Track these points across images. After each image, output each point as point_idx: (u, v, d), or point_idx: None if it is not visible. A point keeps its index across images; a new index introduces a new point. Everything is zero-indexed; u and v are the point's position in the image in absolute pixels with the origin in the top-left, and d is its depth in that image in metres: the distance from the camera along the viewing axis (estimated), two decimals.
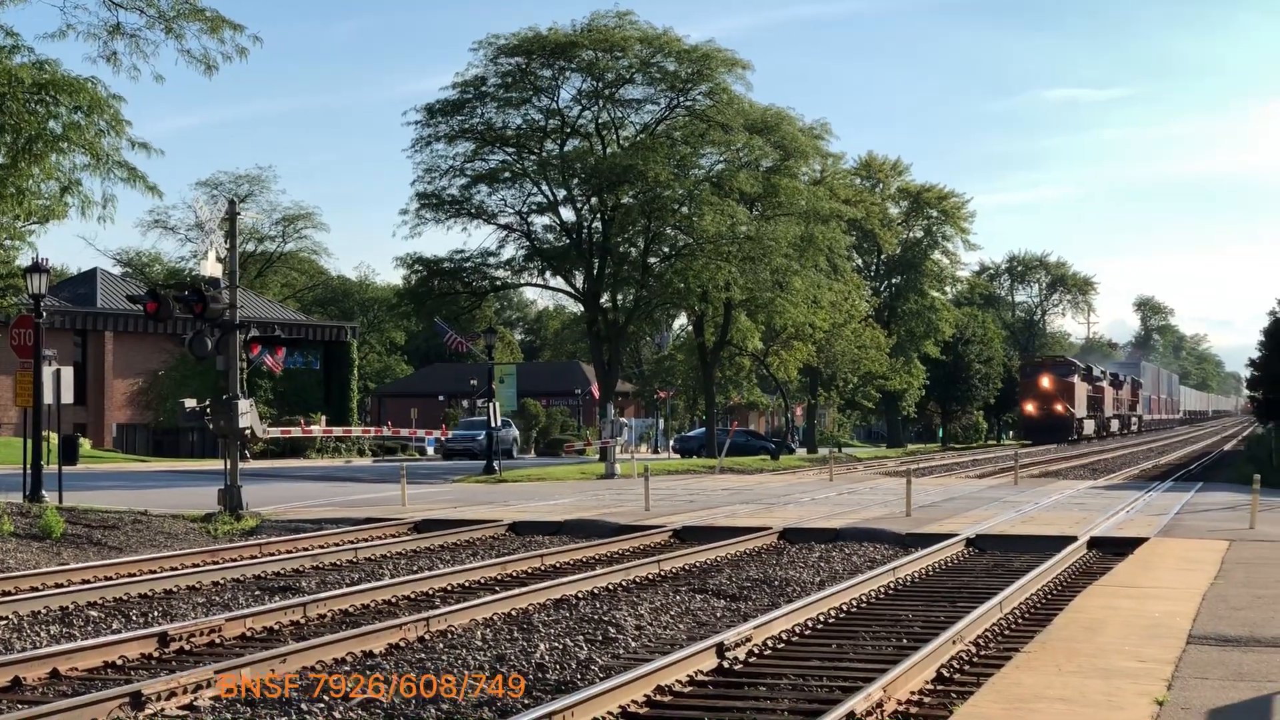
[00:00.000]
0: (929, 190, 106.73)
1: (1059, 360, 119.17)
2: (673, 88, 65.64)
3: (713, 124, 64.67)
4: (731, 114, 65.02)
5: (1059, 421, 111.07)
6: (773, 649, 14.52)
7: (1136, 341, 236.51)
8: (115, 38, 33.61)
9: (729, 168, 66.33)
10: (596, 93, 65.23)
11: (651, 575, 20.71)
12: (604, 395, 64.04)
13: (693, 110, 65.95)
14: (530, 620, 16.13)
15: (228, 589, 19.03)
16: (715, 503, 33.85)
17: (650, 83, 65.69)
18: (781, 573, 21.01)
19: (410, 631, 15.00)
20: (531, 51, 63.77)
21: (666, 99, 66.28)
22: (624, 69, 64.73)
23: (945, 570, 22.00)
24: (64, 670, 13.00)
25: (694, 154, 65.80)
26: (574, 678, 12.88)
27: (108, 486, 40.88)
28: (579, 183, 64.40)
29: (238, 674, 12.51)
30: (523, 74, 64.31)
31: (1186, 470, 58.31)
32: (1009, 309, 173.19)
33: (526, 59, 63.99)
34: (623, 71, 64.81)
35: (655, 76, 65.20)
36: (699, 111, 65.61)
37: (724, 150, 66.66)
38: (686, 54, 64.48)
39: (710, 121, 64.72)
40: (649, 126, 66.55)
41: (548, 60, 63.95)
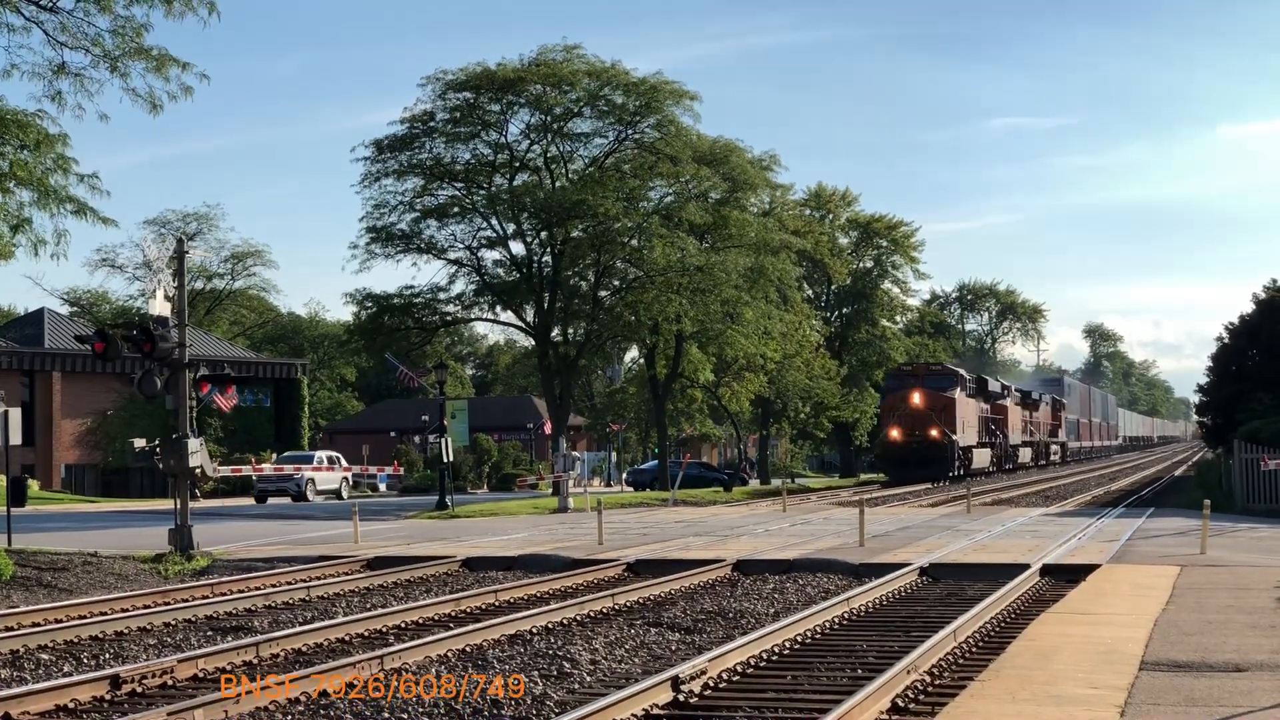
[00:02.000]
0: (878, 220, 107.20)
1: (936, 368, 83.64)
2: (621, 120, 65.77)
3: (661, 156, 64.82)
4: (680, 146, 65.19)
5: (931, 451, 77.12)
6: (728, 681, 14.51)
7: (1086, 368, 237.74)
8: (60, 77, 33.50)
9: (678, 200, 66.47)
10: (545, 127, 65.32)
11: (606, 609, 20.67)
12: (556, 429, 63.97)
13: (641, 143, 66.09)
14: (485, 656, 16.07)
15: (179, 630, 18.90)
16: (669, 535, 33.85)
17: (599, 116, 65.81)
18: (736, 604, 21.01)
19: (365, 670, 14.92)
20: (480, 87, 63.82)
21: (615, 132, 66.43)
22: (572, 103, 64.84)
23: (899, 600, 22.05)
24: (15, 714, 12.88)
25: (643, 186, 65.92)
26: (529, 713, 12.84)
27: (57, 528, 40.55)
28: (528, 217, 64.41)
29: (190, 715, 12.43)
30: (471, 109, 64.35)
31: (1138, 496, 58.64)
32: (960, 337, 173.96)
33: (475, 94, 64.04)
34: (571, 105, 64.91)
35: (603, 110, 65.33)
36: (647, 144, 65.75)
37: (673, 182, 66.81)
38: (634, 86, 64.64)
39: (659, 154, 64.88)
40: (598, 160, 66.66)
41: (496, 95, 64.00)
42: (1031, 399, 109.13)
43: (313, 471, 67.76)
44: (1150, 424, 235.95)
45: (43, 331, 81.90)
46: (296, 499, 64.51)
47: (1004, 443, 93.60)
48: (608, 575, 25.81)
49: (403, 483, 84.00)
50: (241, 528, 40.79)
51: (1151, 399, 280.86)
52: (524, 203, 63.87)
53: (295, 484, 65.95)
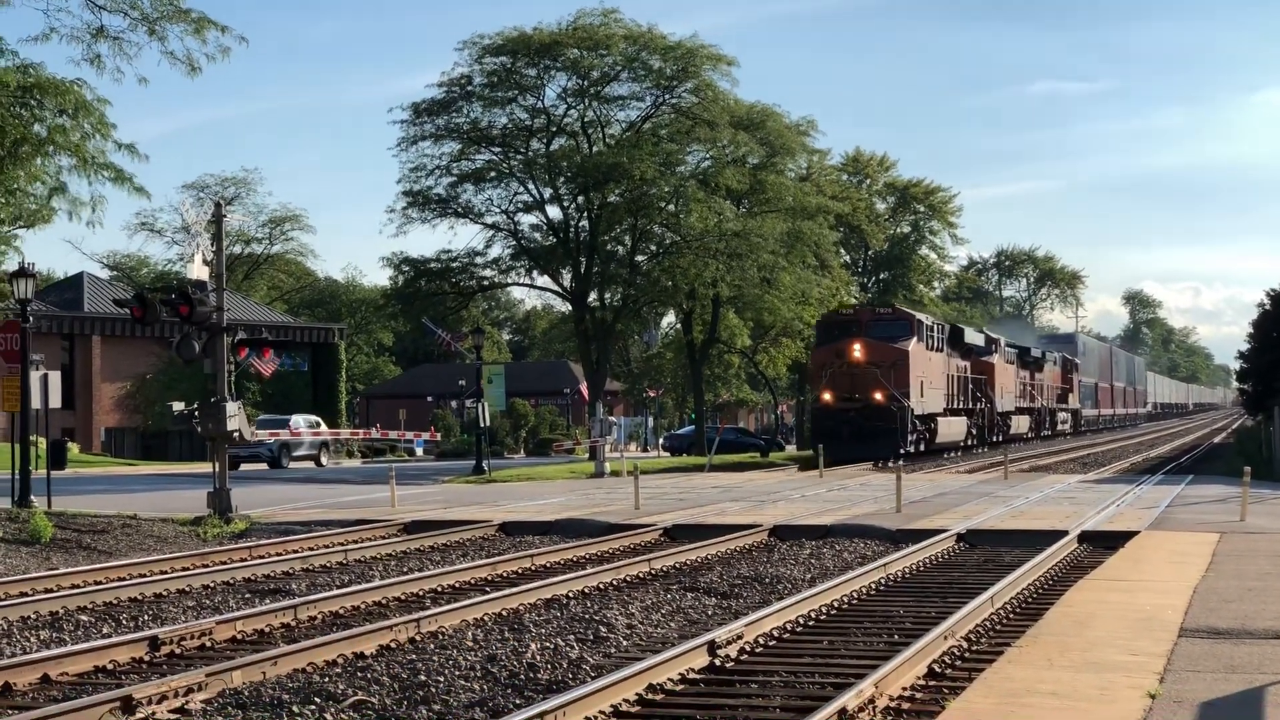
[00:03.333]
0: (916, 185, 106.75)
1: (884, 313, 62.14)
2: (658, 85, 65.60)
3: (699, 121, 64.63)
4: (717, 111, 64.98)
5: (874, 421, 56.12)
6: (764, 646, 14.50)
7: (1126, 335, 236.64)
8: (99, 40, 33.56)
9: (715, 164, 66.29)
10: (582, 91, 65.17)
11: (642, 574, 20.69)
12: (593, 394, 64.01)
13: (678, 107, 65.90)
14: (521, 620, 16.10)
15: (218, 592, 18.99)
16: (705, 500, 33.84)
17: (635, 80, 65.66)
18: (772, 570, 20.99)
19: (401, 633, 14.96)
20: (517, 51, 63.71)
21: (652, 96, 66.26)
22: (609, 67, 64.69)
23: (936, 566, 22.00)
24: (54, 675, 12.96)
25: (680, 151, 65.73)
26: (565, 677, 12.86)
27: (96, 490, 40.80)
28: (565, 181, 64.37)
29: (229, 676, 12.48)
30: (508, 73, 64.24)
31: (1177, 463, 58.38)
32: (997, 304, 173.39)
33: (512, 58, 63.93)
34: (608, 69, 64.76)
35: (640, 74, 65.16)
36: (685, 108, 65.56)
37: (710, 147, 66.63)
38: (671, 50, 64.46)
39: (696, 118, 64.69)
40: (635, 124, 66.50)
41: (533, 59, 63.88)
42: (1031, 357, 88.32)
43: (290, 436, 64.95)
44: (1185, 390, 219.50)
45: (82, 295, 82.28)
46: (272, 465, 61.69)
47: (988, 409, 72.18)
48: (644, 540, 25.83)
49: (439, 447, 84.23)
50: (279, 491, 40.96)
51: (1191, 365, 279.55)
52: (561, 167, 63.84)
53: (269, 449, 62.29)
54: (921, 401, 58.37)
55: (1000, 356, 75.42)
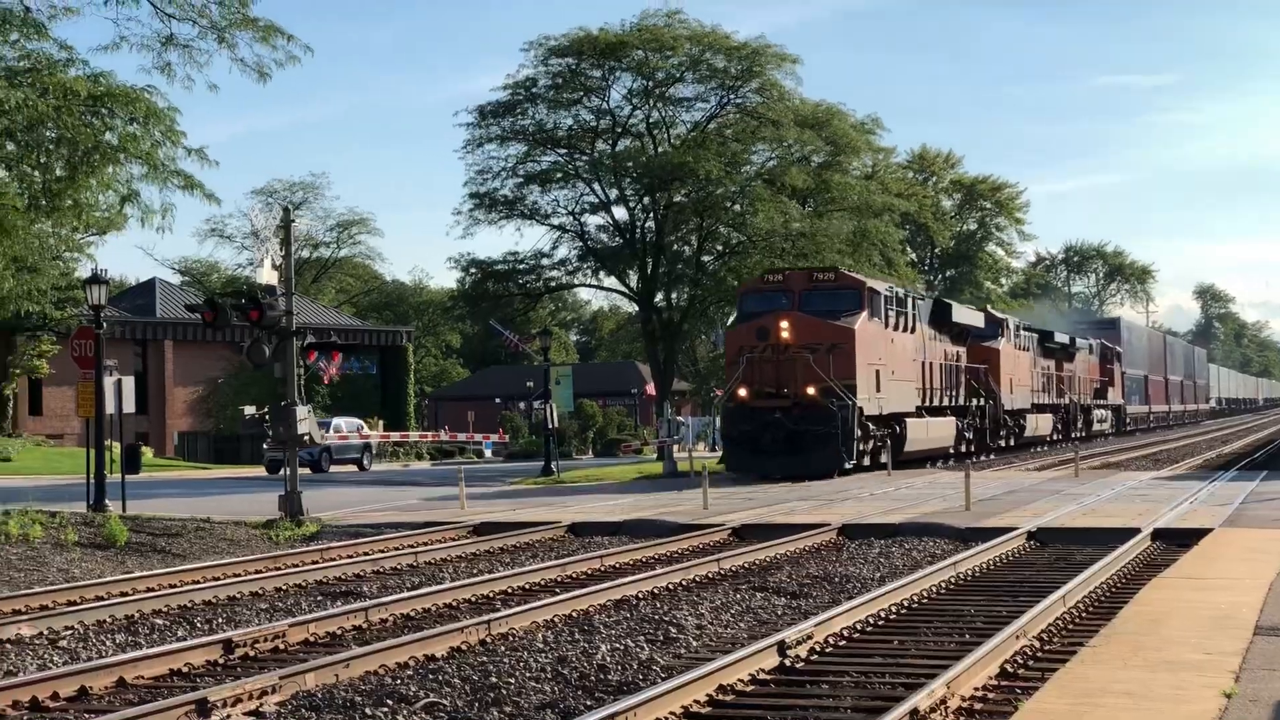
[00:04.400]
0: (982, 182, 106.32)
1: (824, 280, 46.02)
2: (723, 85, 65.55)
3: (763, 120, 64.52)
4: (782, 110, 64.85)
5: (806, 424, 42.54)
6: (834, 646, 14.48)
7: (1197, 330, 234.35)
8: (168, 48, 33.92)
9: (780, 164, 66.13)
10: (647, 92, 65.20)
11: (711, 574, 20.69)
12: (660, 394, 64.02)
13: (743, 107, 65.82)
14: (591, 621, 16.13)
15: (290, 594, 19.14)
16: (773, 500, 33.80)
17: (700, 80, 65.61)
18: (841, 569, 20.96)
19: (472, 634, 15.03)
20: (582, 52, 63.81)
21: (717, 96, 66.18)
22: (674, 67, 64.69)
23: (1006, 564, 21.89)
24: (130, 679, 13.10)
25: (745, 151, 65.63)
26: (636, 678, 12.88)
27: (170, 494, 41.18)
28: (631, 182, 64.42)
29: (302, 679, 12.58)
30: (573, 74, 64.35)
31: (1250, 460, 57.82)
32: (1065, 300, 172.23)
33: (577, 59, 64.04)
34: (673, 70, 64.77)
35: (705, 74, 65.13)
36: (749, 108, 65.48)
37: (775, 146, 66.48)
38: (735, 51, 64.40)
39: (761, 118, 64.58)
40: (700, 124, 66.46)
41: (598, 60, 63.96)
42: (1056, 343, 72.63)
43: (334, 440, 62.29)
44: (1255, 384, 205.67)
45: (154, 301, 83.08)
46: (313, 469, 58.06)
47: (990, 407, 58.27)
48: (713, 540, 25.83)
49: (508, 449, 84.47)
50: (349, 494, 41.21)
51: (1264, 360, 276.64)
52: (627, 168, 63.88)
53: (309, 454, 56.61)
54: (878, 397, 44.34)
55: (1009, 341, 62.00)
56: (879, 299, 45.67)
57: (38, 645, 14.85)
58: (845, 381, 41.99)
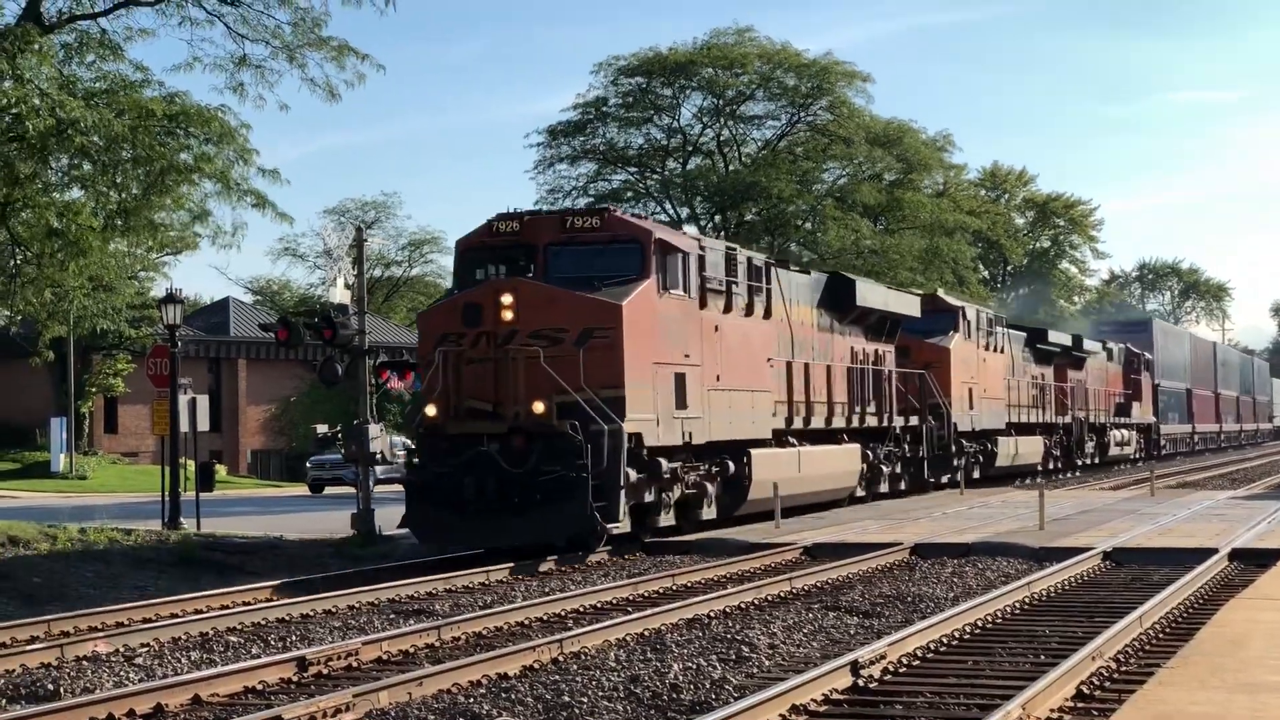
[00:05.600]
0: (1055, 199, 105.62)
1: (588, 228, 26.97)
2: (793, 103, 65.60)
3: (834, 138, 64.52)
4: (853, 127, 64.82)
5: (539, 464, 24.69)
6: (908, 666, 14.39)
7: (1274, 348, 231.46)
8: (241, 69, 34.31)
9: (851, 181, 66.10)
10: (717, 110, 65.35)
11: (783, 593, 20.62)
12: None
13: (814, 125, 65.85)
14: (663, 640, 16.10)
15: (363, 613, 19.21)
16: (844, 519, 33.63)
17: (770, 98, 65.72)
18: (914, 588, 20.83)
19: (544, 653, 15.03)
20: (652, 71, 64.00)
21: (787, 114, 66.28)
22: (744, 85, 64.82)
23: (1081, 584, 21.69)
24: (205, 696, 13.18)
25: (816, 169, 65.64)
26: (708, 698, 12.84)
27: (243, 512, 41.46)
28: (702, 201, 64.51)
29: (376, 697, 12.62)
30: (643, 93, 64.57)
31: None
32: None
33: (647, 78, 64.25)
34: (743, 88, 64.89)
35: (775, 92, 65.20)
36: (820, 126, 65.49)
37: (846, 164, 66.47)
38: (806, 68, 64.42)
39: (832, 136, 64.58)
40: (770, 142, 66.54)
41: (668, 79, 64.14)
42: (1051, 345, 57.69)
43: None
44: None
45: (228, 320, 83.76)
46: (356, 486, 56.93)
47: (935, 429, 42.33)
48: (785, 559, 25.74)
49: None
50: None
51: None
52: (697, 187, 64.00)
53: (351, 474, 51.60)
54: (677, 419, 27.45)
55: (969, 338, 45.76)
56: (680, 261, 27.60)
57: (114, 662, 14.97)
58: (607, 389, 25.12)
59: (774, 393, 32.14)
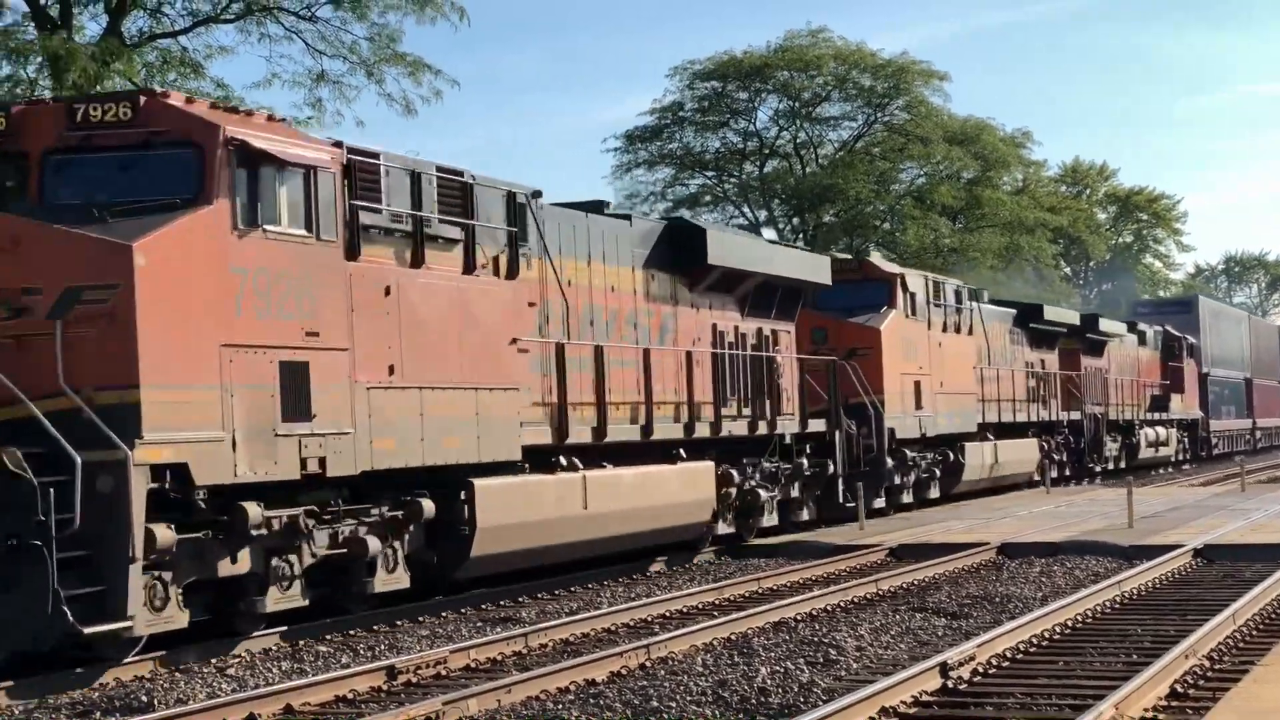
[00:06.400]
0: (1138, 193, 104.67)
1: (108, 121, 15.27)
2: (869, 103, 65.48)
3: (911, 138, 64.31)
4: (930, 126, 64.60)
5: None
6: (997, 667, 14.29)
7: None
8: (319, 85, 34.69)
9: (929, 181, 65.89)
10: (793, 112, 65.32)
11: (869, 595, 20.55)
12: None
13: (891, 125, 65.67)
14: (750, 644, 16.08)
15: (450, 621, 19.28)
16: (929, 520, 33.46)
17: (846, 99, 65.63)
18: (1002, 589, 20.69)
19: (631, 659, 15.05)
20: (727, 75, 64.07)
21: (864, 115, 66.15)
22: (819, 87, 64.77)
23: (1172, 582, 21.48)
24: (297, 705, 13.28)
25: (893, 169, 65.48)
26: (797, 701, 12.81)
27: None
28: (780, 204, 64.51)
29: (465, 704, 12.68)
30: (719, 98, 64.65)
31: None
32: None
33: (722, 83, 64.33)
34: (818, 90, 64.84)
35: (851, 93, 65.12)
36: (897, 126, 65.31)
37: (924, 164, 66.25)
38: (882, 68, 64.28)
39: (909, 135, 64.37)
40: (847, 143, 66.41)
41: (743, 83, 64.19)
42: (1052, 325, 47.15)
43: None
44: None
45: None
46: None
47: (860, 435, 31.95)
48: (870, 561, 25.65)
49: None
50: None
51: None
52: (775, 189, 64.02)
53: None
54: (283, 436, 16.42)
55: (911, 315, 35.14)
56: (320, 181, 16.87)
57: (206, 674, 15.12)
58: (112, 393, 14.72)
59: (526, 390, 20.57)
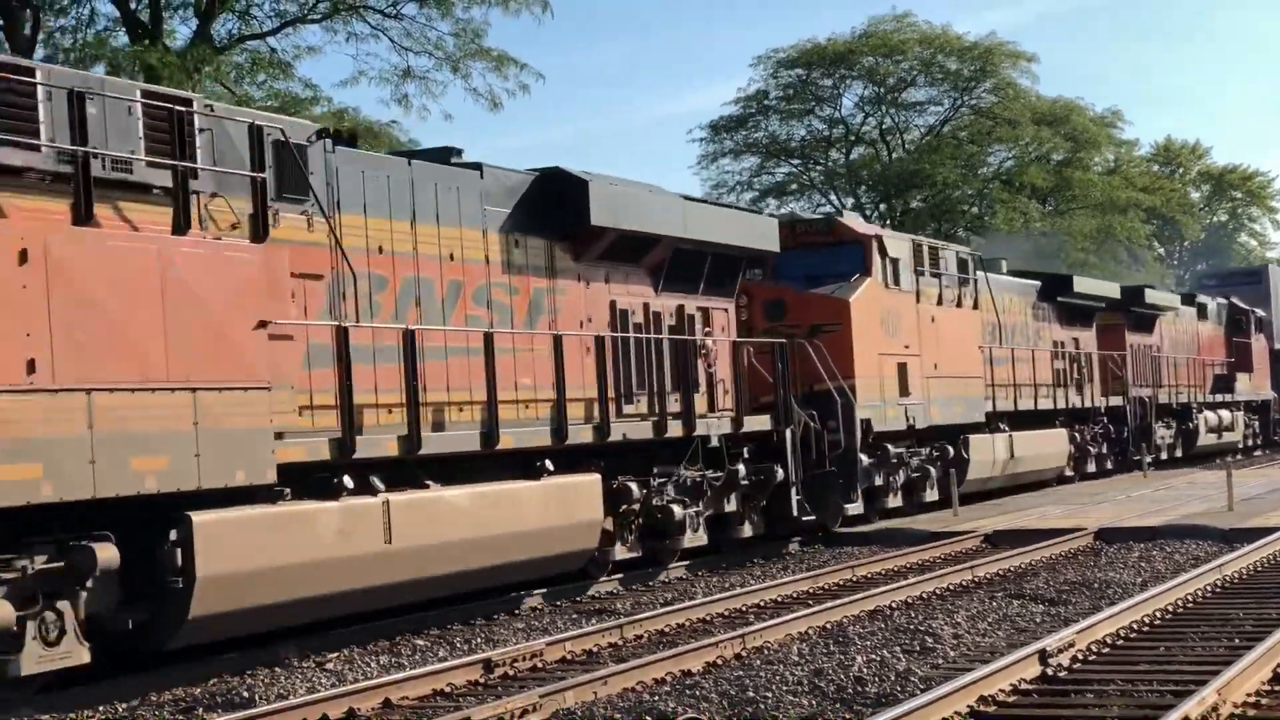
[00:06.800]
0: (1232, 172, 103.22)
1: None
2: (955, 87, 65.06)
3: (999, 120, 63.83)
4: (1018, 109, 64.09)
5: None
6: (1097, 654, 14.16)
7: None
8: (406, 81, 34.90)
9: (1018, 164, 65.37)
10: (878, 98, 65.01)
11: (965, 582, 20.42)
12: None
13: (978, 108, 65.20)
14: (845, 633, 16.02)
15: (545, 614, 19.35)
16: (1024, 505, 33.20)
17: (932, 84, 65.27)
18: (1100, 574, 20.50)
19: (727, 649, 15.03)
20: (811, 63, 63.87)
21: (950, 99, 65.73)
22: (905, 72, 64.43)
23: (1274, 566, 21.18)
24: (395, 699, 13.36)
25: (981, 152, 65.03)
26: (894, 690, 12.75)
27: None
28: (866, 190, 64.23)
29: (562, 697, 12.71)
30: (804, 85, 64.47)
31: None
32: None
33: (806, 70, 64.14)
34: (904, 75, 64.51)
35: (937, 77, 64.73)
36: (984, 109, 64.83)
37: (1012, 146, 65.75)
38: (967, 51, 63.83)
39: (997, 118, 63.89)
40: (934, 128, 66.02)
41: (828, 70, 63.98)
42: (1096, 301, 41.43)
43: None
44: None
45: None
46: None
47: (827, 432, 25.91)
48: (964, 548, 25.49)
49: None
50: None
51: None
52: (861, 176, 63.75)
53: None
54: None
55: (893, 284, 29.22)
56: None
57: (305, 669, 15.25)
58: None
59: (288, 389, 15.52)
